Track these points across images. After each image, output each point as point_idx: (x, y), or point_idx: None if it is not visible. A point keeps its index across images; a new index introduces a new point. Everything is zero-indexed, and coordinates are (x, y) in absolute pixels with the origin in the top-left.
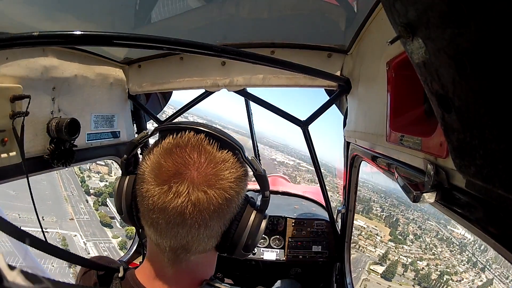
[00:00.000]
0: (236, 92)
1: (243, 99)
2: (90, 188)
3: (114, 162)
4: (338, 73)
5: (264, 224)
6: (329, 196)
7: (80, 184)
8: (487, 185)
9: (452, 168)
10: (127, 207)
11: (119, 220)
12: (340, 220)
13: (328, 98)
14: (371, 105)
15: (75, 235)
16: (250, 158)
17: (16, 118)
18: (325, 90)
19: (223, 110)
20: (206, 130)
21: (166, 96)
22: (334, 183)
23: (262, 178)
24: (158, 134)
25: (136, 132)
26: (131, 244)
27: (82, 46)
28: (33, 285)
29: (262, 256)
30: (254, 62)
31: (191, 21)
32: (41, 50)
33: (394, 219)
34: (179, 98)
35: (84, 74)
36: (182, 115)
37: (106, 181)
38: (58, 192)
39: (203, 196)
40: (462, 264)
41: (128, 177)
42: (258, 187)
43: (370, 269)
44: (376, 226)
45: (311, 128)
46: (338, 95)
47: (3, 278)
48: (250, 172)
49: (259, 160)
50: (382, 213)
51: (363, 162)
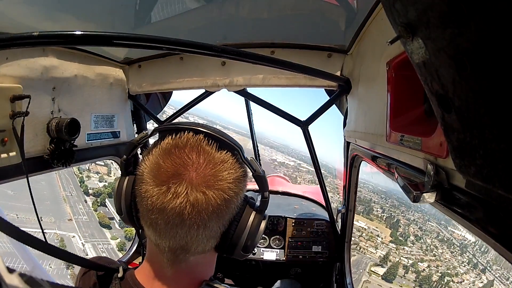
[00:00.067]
0: (236, 92)
1: (243, 99)
2: (89, 188)
3: (113, 162)
4: (338, 73)
5: (263, 224)
6: (329, 197)
7: (79, 184)
8: (487, 185)
9: (452, 168)
10: (126, 207)
11: (118, 221)
12: (340, 220)
13: (328, 98)
14: (371, 105)
15: (73, 236)
16: (249, 159)
17: (16, 118)
18: (325, 90)
19: (223, 110)
20: (205, 130)
21: (166, 96)
22: (335, 184)
23: (261, 179)
24: (157, 135)
25: (136, 132)
26: (131, 244)
27: (82, 46)
28: None
29: (262, 256)
30: (254, 62)
31: (191, 21)
32: (41, 50)
33: (395, 220)
34: (179, 98)
35: (84, 74)
36: (182, 115)
37: (105, 181)
38: (56, 192)
39: (202, 197)
40: (463, 265)
41: (127, 177)
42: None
43: (371, 270)
44: (377, 227)
45: (311, 128)
46: (338, 95)
47: (1, 281)
48: (250, 173)
49: (259, 160)
50: (383, 214)
51: (363, 162)
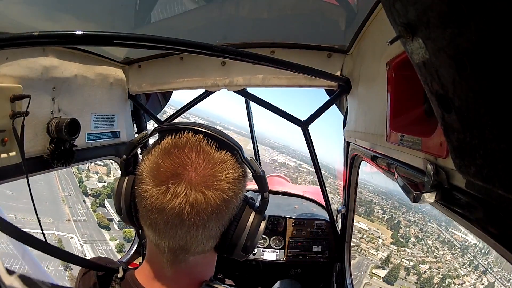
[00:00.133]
0: (236, 92)
1: (243, 99)
2: (88, 189)
3: (113, 162)
4: (338, 73)
5: (263, 225)
6: (329, 197)
7: (78, 184)
8: (487, 185)
9: (452, 168)
10: (126, 207)
11: (117, 222)
12: (340, 220)
13: (328, 98)
14: (371, 105)
15: (72, 237)
16: (249, 159)
17: (16, 118)
18: (325, 90)
19: (224, 110)
20: (204, 130)
21: (166, 96)
22: (335, 185)
23: (261, 179)
24: (157, 135)
25: (136, 132)
26: (131, 244)
27: (82, 46)
28: None
29: (262, 257)
30: (254, 62)
31: (191, 21)
32: (41, 50)
33: (396, 222)
34: (179, 98)
35: (84, 74)
36: (182, 115)
37: (105, 182)
38: (55, 192)
39: (201, 197)
40: (464, 267)
41: (127, 177)
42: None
43: (372, 273)
44: (378, 229)
45: (311, 128)
46: (338, 95)
47: (0, 283)
48: (250, 173)
49: (259, 161)
50: (383, 215)
51: (363, 162)
